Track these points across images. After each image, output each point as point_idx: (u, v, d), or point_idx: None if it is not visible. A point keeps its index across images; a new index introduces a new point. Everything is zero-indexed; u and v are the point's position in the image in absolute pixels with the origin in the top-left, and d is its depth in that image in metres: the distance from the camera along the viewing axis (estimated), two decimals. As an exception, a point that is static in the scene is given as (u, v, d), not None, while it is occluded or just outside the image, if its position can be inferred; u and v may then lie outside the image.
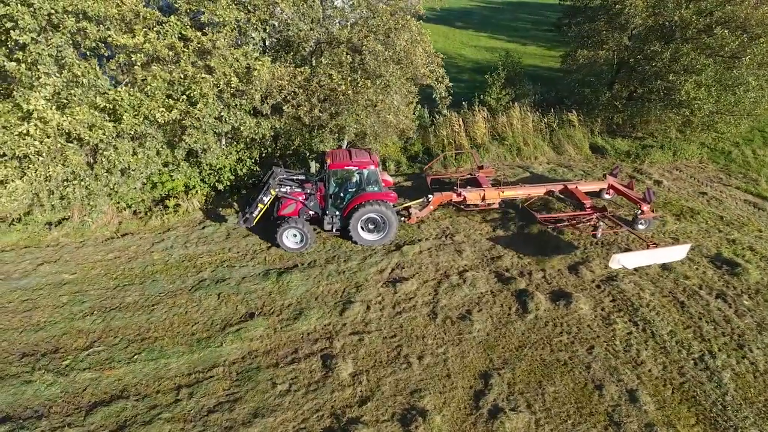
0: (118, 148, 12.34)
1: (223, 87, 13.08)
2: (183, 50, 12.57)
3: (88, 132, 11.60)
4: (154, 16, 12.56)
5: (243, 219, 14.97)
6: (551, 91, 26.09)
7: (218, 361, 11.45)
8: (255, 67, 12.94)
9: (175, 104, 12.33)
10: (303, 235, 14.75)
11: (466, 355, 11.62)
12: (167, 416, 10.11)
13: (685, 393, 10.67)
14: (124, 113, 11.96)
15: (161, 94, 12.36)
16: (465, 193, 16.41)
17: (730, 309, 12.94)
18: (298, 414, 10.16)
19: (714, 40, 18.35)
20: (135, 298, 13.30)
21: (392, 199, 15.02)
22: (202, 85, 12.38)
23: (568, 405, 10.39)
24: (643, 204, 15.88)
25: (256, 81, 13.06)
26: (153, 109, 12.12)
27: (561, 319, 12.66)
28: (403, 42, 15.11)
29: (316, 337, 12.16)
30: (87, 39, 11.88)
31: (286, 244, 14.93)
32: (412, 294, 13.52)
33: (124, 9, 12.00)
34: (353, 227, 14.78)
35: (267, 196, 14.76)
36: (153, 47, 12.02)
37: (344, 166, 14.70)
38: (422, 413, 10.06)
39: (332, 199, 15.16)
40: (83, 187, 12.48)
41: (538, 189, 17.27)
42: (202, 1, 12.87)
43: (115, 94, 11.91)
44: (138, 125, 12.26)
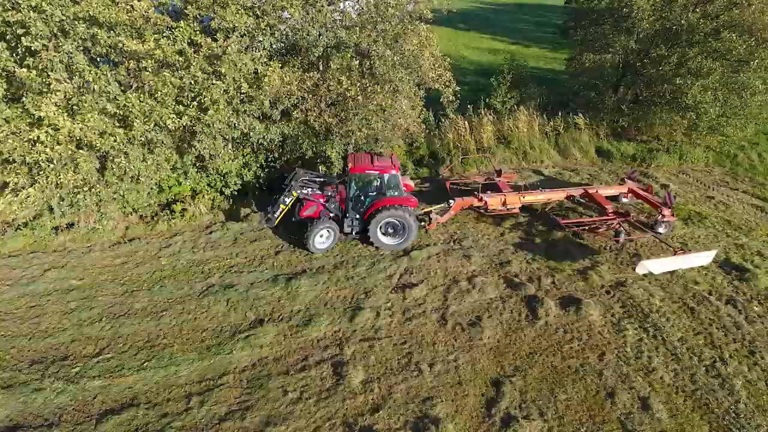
0: (129, 155, 12.31)
1: (233, 93, 13.05)
2: (193, 56, 12.54)
3: (99, 139, 11.57)
4: (164, 22, 12.54)
5: (265, 219, 15.30)
6: (555, 93, 26.07)
7: (228, 369, 11.40)
8: (265, 73, 12.92)
9: (185, 110, 12.30)
10: (331, 231, 14.93)
11: (477, 362, 11.58)
12: (179, 425, 10.07)
13: (698, 401, 10.63)
14: (135, 120, 11.93)
15: (171, 100, 12.32)
16: (486, 198, 16.32)
17: (741, 315, 12.91)
18: (310, 422, 10.12)
19: (721, 44, 18.34)
20: (143, 304, 13.25)
21: (412, 204, 15.02)
22: (212, 91, 12.35)
23: (580, 413, 10.36)
24: (663, 208, 15.88)
25: (266, 86, 13.03)
26: (164, 116, 12.09)
27: (571, 325, 12.63)
28: (411, 47, 15.06)
29: (326, 343, 12.12)
30: (98, 45, 11.85)
31: (317, 246, 14.99)
32: (421, 300, 13.48)
33: (135, 15, 11.96)
34: (373, 231, 14.85)
35: (288, 197, 15.03)
36: (163, 53, 11.99)
37: (365, 170, 14.74)
38: (435, 421, 10.02)
39: (352, 203, 15.24)
40: (94, 194, 12.44)
41: (558, 194, 17.22)
42: (211, 7, 12.84)
43: (125, 101, 11.87)
44: (149, 131, 12.23)
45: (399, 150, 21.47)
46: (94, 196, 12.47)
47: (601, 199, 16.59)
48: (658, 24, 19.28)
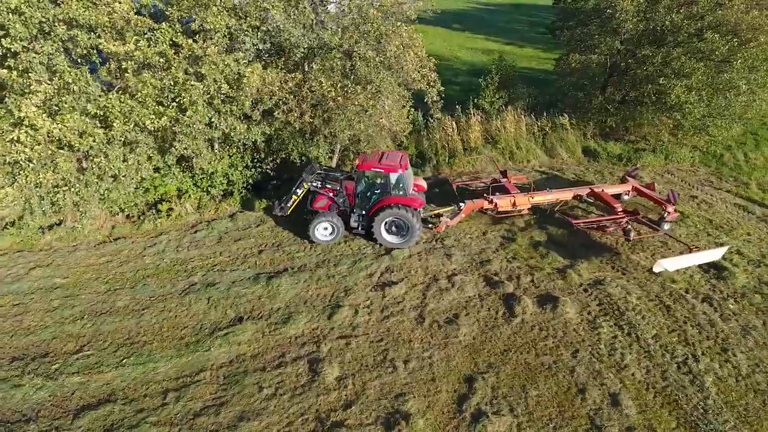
0: (109, 155, 12.49)
1: (214, 93, 13.21)
2: (174, 57, 12.70)
3: (78, 139, 11.75)
4: (145, 24, 12.70)
5: (279, 208, 15.93)
6: (545, 94, 26.21)
7: (206, 365, 11.57)
8: (244, 74, 13.08)
9: (165, 111, 12.47)
10: (334, 227, 15.35)
11: (452, 359, 11.73)
12: (153, 420, 10.24)
13: (667, 397, 10.76)
14: (114, 120, 12.10)
15: (152, 100, 12.49)
16: (496, 200, 16.39)
17: (716, 313, 13.02)
18: (283, 417, 10.28)
19: (705, 44, 18.45)
20: (126, 302, 13.43)
21: (417, 204, 15.09)
22: (191, 92, 12.51)
23: (550, 408, 10.49)
24: (668, 205, 16.13)
25: (246, 87, 13.19)
26: (143, 116, 12.26)
27: (547, 323, 12.76)
28: (393, 47, 15.20)
29: (303, 341, 12.28)
30: (78, 46, 12.03)
31: (318, 237, 15.46)
32: (400, 298, 13.63)
33: (115, 17, 12.13)
34: (376, 228, 15.09)
35: (300, 188, 15.64)
36: (143, 54, 12.16)
37: (371, 167, 14.91)
38: (405, 417, 10.17)
39: (359, 199, 15.49)
40: (74, 194, 12.63)
41: (566, 194, 17.33)
42: (192, 9, 13.01)
43: (106, 101, 12.05)
44: (128, 132, 12.40)
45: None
46: (74, 195, 12.64)
47: (609, 198, 16.77)
48: (642, 25, 19.40)
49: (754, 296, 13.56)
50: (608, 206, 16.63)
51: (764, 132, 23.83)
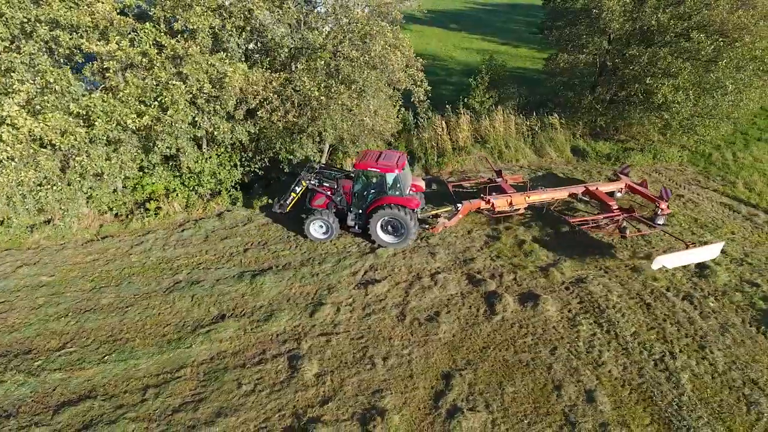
0: (91, 154, 12.62)
1: (196, 93, 13.33)
2: (156, 57, 12.83)
3: (59, 138, 11.88)
4: (128, 24, 12.83)
5: (278, 205, 16.13)
6: (537, 94, 26.30)
7: (187, 362, 11.69)
8: (226, 74, 13.20)
9: (147, 110, 12.59)
10: (328, 225, 15.48)
11: (431, 356, 11.83)
12: (132, 416, 10.36)
13: (643, 393, 10.84)
14: (97, 119, 12.23)
15: (134, 100, 12.61)
16: (493, 200, 16.44)
17: (696, 311, 13.10)
18: (260, 413, 10.39)
19: (691, 44, 18.51)
20: (110, 300, 13.56)
21: (413, 205, 15.07)
22: (173, 92, 12.63)
23: (525, 405, 10.59)
24: (661, 201, 16.29)
25: (229, 87, 13.31)
26: (125, 115, 12.39)
27: (527, 320, 12.85)
28: (378, 47, 15.30)
29: (285, 338, 12.39)
30: (60, 47, 12.17)
31: (312, 233, 15.70)
32: (382, 296, 13.73)
33: (97, 17, 12.26)
34: (372, 227, 15.17)
35: (299, 186, 15.80)
36: (126, 54, 12.29)
37: (368, 167, 14.95)
38: (381, 413, 10.28)
39: (356, 198, 15.59)
40: (56, 192, 12.76)
41: (561, 192, 17.43)
42: (176, 9, 13.13)
43: (88, 101, 12.18)
44: (111, 131, 12.53)
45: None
46: (56, 193, 12.77)
47: (603, 196, 16.89)
48: (628, 25, 19.47)
49: (735, 294, 13.62)
50: (603, 204, 16.74)
51: (754, 131, 23.90)
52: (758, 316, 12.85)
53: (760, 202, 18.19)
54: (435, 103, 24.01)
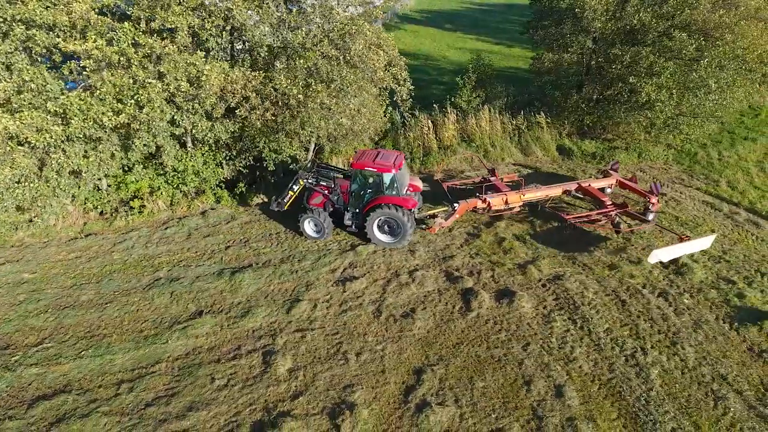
0: (67, 151, 12.75)
1: (174, 91, 13.46)
2: (134, 56, 12.97)
3: (35, 136, 12.02)
4: (106, 23, 12.96)
5: (276, 204, 16.28)
6: (526, 93, 26.40)
7: (162, 357, 11.81)
8: (203, 73, 13.32)
9: (124, 108, 12.73)
10: (320, 225, 15.61)
11: (404, 351, 11.94)
12: (105, 410, 10.48)
13: (612, 388, 10.94)
14: (73, 117, 12.37)
15: (112, 98, 12.75)
16: (489, 199, 16.49)
17: (670, 307, 13.19)
18: (231, 407, 10.51)
19: (673, 43, 18.60)
20: (90, 297, 13.69)
21: (410, 205, 15.04)
22: (149, 90, 12.76)
23: (494, 399, 10.69)
24: (651, 196, 16.52)
25: (206, 85, 13.44)
26: (101, 113, 12.52)
27: (502, 317, 12.95)
28: (359, 46, 15.41)
29: (260, 334, 12.51)
30: (37, 46, 12.32)
31: (307, 231, 15.88)
32: (360, 292, 13.84)
33: (74, 17, 12.40)
34: (369, 227, 15.21)
35: (296, 185, 15.89)
36: (102, 53, 12.43)
37: (365, 166, 14.93)
38: (351, 407, 10.39)
39: (353, 197, 15.63)
40: (33, 189, 12.90)
41: (555, 190, 17.57)
42: (154, 9, 13.26)
43: (65, 99, 12.32)
44: (87, 128, 12.67)
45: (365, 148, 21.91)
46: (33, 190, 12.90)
47: (597, 193, 17.09)
48: (611, 24, 19.57)
49: (711, 291, 13.71)
50: (597, 200, 16.93)
51: (741, 131, 23.97)
52: (732, 313, 12.94)
53: (742, 200, 18.28)
54: (424, 103, 24.23)
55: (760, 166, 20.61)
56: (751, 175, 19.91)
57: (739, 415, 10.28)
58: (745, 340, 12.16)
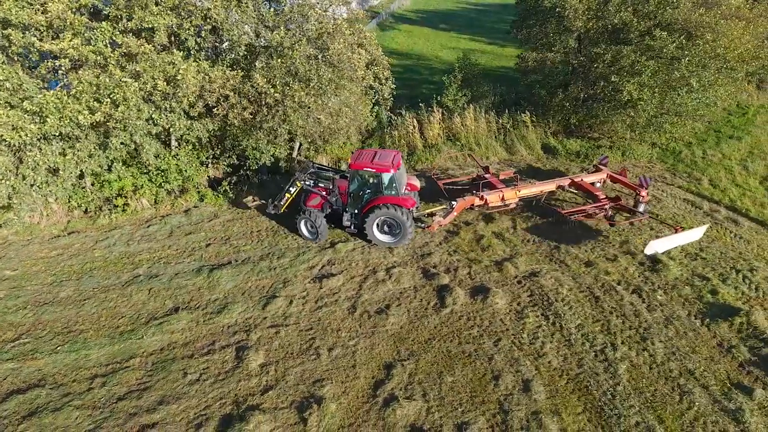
0: (43, 149, 12.91)
1: (150, 90, 13.61)
2: (110, 55, 13.12)
3: (10, 134, 12.18)
4: (83, 23, 13.12)
5: (273, 206, 16.21)
6: (514, 92, 26.51)
7: (137, 353, 11.95)
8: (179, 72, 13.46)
9: (100, 107, 12.88)
10: (315, 228, 15.52)
11: (376, 346, 12.06)
12: (78, 403, 10.63)
13: (579, 383, 11.06)
14: (49, 115, 12.53)
15: (89, 97, 12.91)
16: (486, 196, 16.60)
17: (643, 304, 13.30)
18: (201, 401, 10.65)
19: (655, 42, 18.70)
20: (69, 293, 13.84)
21: (409, 204, 15.07)
22: (124, 89, 12.91)
23: (462, 394, 10.81)
24: (641, 189, 16.84)
25: (183, 84, 13.59)
26: (77, 112, 12.68)
27: (476, 313, 13.07)
28: (338, 45, 15.55)
29: (235, 329, 12.64)
30: (13, 45, 12.48)
31: (303, 233, 15.88)
32: (336, 289, 13.97)
33: (51, 16, 12.56)
34: (368, 227, 15.17)
35: (293, 187, 15.86)
36: (78, 52, 12.59)
37: (363, 167, 14.88)
38: (319, 401, 10.53)
39: (351, 198, 15.60)
40: (8, 186, 13.06)
41: (549, 185, 17.80)
42: (132, 8, 13.41)
43: (41, 98, 12.48)
44: (63, 127, 12.82)
45: (352, 147, 22.05)
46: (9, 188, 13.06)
47: (590, 187, 17.37)
48: (593, 23, 19.67)
49: (685, 288, 13.83)
50: (591, 194, 17.20)
51: (727, 129, 24.05)
52: (704, 309, 13.05)
53: (722, 198, 18.38)
54: (413, 102, 24.37)
55: (743, 164, 20.69)
56: (733, 173, 20.00)
57: (703, 410, 10.39)
58: (716, 336, 12.27)
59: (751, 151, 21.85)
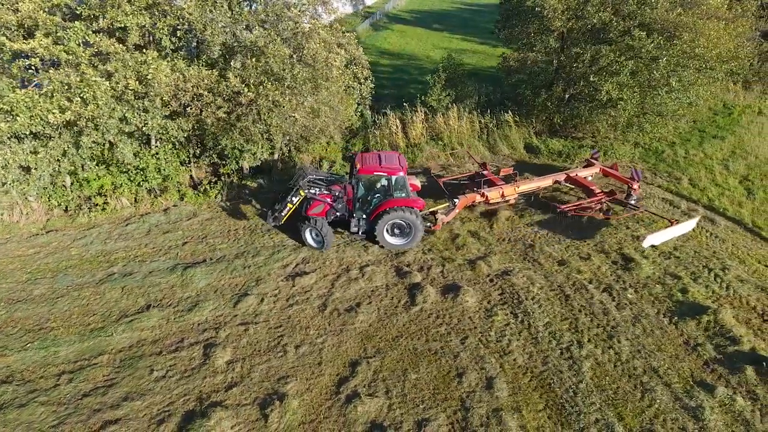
0: (14, 148, 13.01)
1: (122, 90, 13.69)
2: (82, 54, 13.21)
3: (-21, 132, 12.32)
4: (54, 23, 13.21)
5: (273, 217, 15.65)
6: (497, 92, 26.57)
7: (106, 350, 12.03)
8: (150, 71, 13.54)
9: (70, 106, 12.97)
10: (321, 236, 15.11)
11: (343, 344, 12.13)
12: (43, 399, 10.70)
13: (542, 381, 11.11)
14: (19, 114, 12.62)
15: (60, 96, 13.00)
16: (487, 193, 16.79)
17: (613, 302, 13.36)
18: (166, 398, 10.73)
19: (634, 42, 18.76)
20: (43, 291, 13.92)
21: (419, 206, 15.06)
22: (94, 89, 13.00)
23: (425, 391, 10.87)
24: (632, 182, 17.29)
25: (155, 84, 13.67)
26: (46, 110, 12.77)
27: (445, 311, 13.13)
28: (313, 45, 15.62)
29: (205, 327, 12.72)
30: (-17, 44, 12.62)
31: (308, 242, 15.43)
32: (309, 287, 14.04)
33: (22, 15, 12.66)
34: (379, 232, 14.99)
35: (296, 196, 15.23)
36: (49, 52, 12.69)
37: (373, 171, 14.83)
38: (281, 397, 10.59)
39: (359, 203, 15.43)
40: (-22, 185, 13.20)
41: (546, 181, 18.21)
42: (104, 8, 13.50)
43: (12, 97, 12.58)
44: (33, 126, 12.92)
45: (335, 147, 22.15)
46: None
47: (585, 182, 17.79)
48: (572, 23, 19.73)
49: (656, 286, 13.89)
50: (586, 189, 17.56)
51: (712, 129, 24.13)
52: (673, 308, 13.11)
53: (701, 197, 18.43)
54: (399, 102, 24.43)
55: (724, 164, 20.74)
56: (714, 173, 20.05)
57: (664, 407, 10.44)
58: (683, 334, 12.33)
59: (733, 151, 21.90)
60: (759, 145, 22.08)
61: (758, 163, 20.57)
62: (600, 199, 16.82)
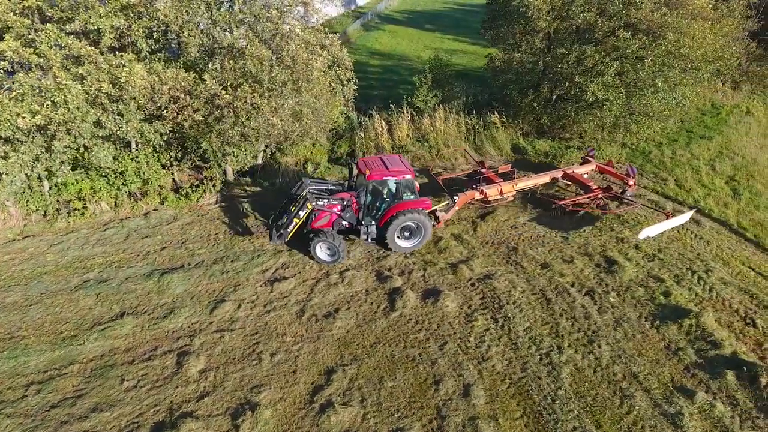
0: (-20, 152, 12.79)
1: (95, 93, 13.45)
2: (53, 57, 12.97)
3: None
4: (25, 25, 12.96)
5: (277, 235, 14.71)
6: (485, 93, 26.42)
7: (77, 359, 11.78)
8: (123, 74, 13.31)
9: (40, 110, 12.73)
10: (334, 248, 14.49)
11: (319, 351, 11.92)
12: (9, 411, 10.45)
13: (521, 387, 10.94)
14: (-13, 119, 12.42)
15: (30, 99, 12.76)
16: (486, 191, 16.87)
17: (595, 306, 13.20)
18: (135, 408, 10.50)
19: (619, 42, 18.63)
20: (15, 299, 13.65)
21: (427, 206, 15.02)
22: (65, 92, 12.75)
23: (401, 399, 10.68)
24: (628, 179, 17.44)
25: (129, 87, 13.43)
26: (14, 115, 12.53)
27: (425, 316, 12.94)
28: (293, 46, 15.42)
29: (180, 335, 12.48)
30: (-50, 46, 12.36)
31: (320, 256, 14.74)
32: (287, 293, 13.82)
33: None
34: (390, 237, 14.78)
35: (303, 210, 14.42)
36: (18, 55, 12.44)
37: (383, 176, 14.63)
38: (253, 407, 10.38)
39: (367, 210, 15.13)
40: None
41: (544, 177, 18.28)
42: (77, 11, 13.25)
43: (-21, 101, 12.37)
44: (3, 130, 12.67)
45: (321, 149, 21.93)
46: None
47: (582, 179, 17.87)
48: (557, 23, 19.57)
49: (638, 289, 13.74)
50: (583, 186, 17.67)
51: (700, 129, 24.00)
52: (655, 311, 12.97)
53: (687, 198, 18.31)
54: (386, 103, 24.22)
55: (711, 164, 20.61)
56: (700, 173, 19.92)
57: (643, 414, 10.30)
58: (664, 338, 12.19)
59: (720, 151, 21.77)
60: (746, 145, 21.97)
61: (745, 164, 20.45)
62: (597, 195, 17.05)
